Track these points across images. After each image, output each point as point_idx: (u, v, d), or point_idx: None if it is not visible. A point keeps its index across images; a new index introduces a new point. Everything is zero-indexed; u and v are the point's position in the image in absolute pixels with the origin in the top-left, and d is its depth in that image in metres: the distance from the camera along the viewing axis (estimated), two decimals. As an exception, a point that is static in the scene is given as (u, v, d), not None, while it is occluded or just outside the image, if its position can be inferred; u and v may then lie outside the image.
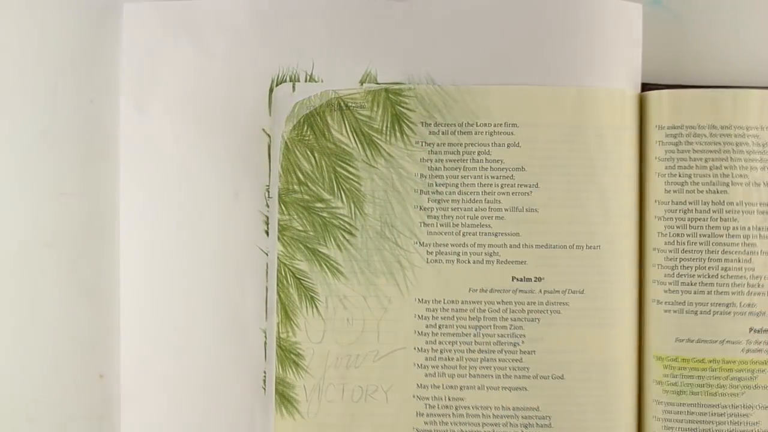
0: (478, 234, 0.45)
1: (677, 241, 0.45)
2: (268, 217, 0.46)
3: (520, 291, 0.45)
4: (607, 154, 0.45)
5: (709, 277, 0.45)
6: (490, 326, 0.45)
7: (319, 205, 0.46)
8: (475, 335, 0.45)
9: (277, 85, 0.46)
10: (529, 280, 0.45)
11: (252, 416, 0.46)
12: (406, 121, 0.46)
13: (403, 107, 0.46)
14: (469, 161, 0.46)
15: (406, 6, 0.46)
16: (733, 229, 0.45)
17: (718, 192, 0.45)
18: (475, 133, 0.46)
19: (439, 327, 0.45)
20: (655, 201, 0.45)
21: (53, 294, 0.48)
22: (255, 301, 0.46)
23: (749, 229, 0.45)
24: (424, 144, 0.46)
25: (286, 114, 0.46)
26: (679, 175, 0.45)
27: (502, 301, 0.45)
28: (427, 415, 0.46)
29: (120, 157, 0.47)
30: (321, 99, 0.46)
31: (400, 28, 0.46)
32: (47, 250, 0.48)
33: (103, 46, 0.48)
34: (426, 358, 0.46)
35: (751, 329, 0.44)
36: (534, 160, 0.45)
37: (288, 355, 0.46)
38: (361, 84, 0.46)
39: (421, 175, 0.46)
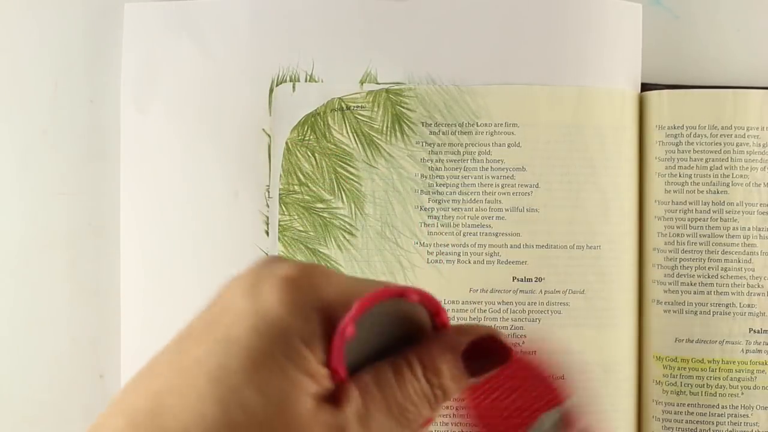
0: (478, 234, 0.45)
1: (677, 241, 0.45)
2: (268, 217, 0.46)
3: (521, 291, 0.45)
4: (607, 154, 0.45)
5: (708, 277, 0.45)
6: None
7: (319, 205, 0.46)
8: (475, 335, 0.45)
9: (277, 85, 0.46)
10: (530, 280, 0.45)
11: (252, 416, 0.46)
12: (406, 122, 0.46)
13: (403, 107, 0.46)
14: (469, 161, 0.46)
15: (406, 6, 0.46)
16: (733, 229, 0.45)
17: (718, 192, 0.45)
18: (476, 133, 0.46)
19: (440, 327, 0.45)
20: (655, 201, 0.45)
21: (53, 294, 0.47)
22: (255, 301, 0.46)
23: (749, 229, 0.45)
24: (424, 144, 0.46)
25: (286, 114, 0.46)
26: (679, 175, 0.45)
27: (503, 301, 0.45)
28: (428, 415, 0.45)
29: (120, 157, 0.47)
30: (321, 100, 0.46)
31: (400, 28, 0.46)
32: (47, 250, 0.48)
33: (103, 46, 0.48)
34: (426, 358, 0.45)
35: (750, 330, 0.44)
36: (534, 160, 0.45)
37: (288, 355, 0.46)
38: (361, 84, 0.46)
39: (422, 176, 0.46)
